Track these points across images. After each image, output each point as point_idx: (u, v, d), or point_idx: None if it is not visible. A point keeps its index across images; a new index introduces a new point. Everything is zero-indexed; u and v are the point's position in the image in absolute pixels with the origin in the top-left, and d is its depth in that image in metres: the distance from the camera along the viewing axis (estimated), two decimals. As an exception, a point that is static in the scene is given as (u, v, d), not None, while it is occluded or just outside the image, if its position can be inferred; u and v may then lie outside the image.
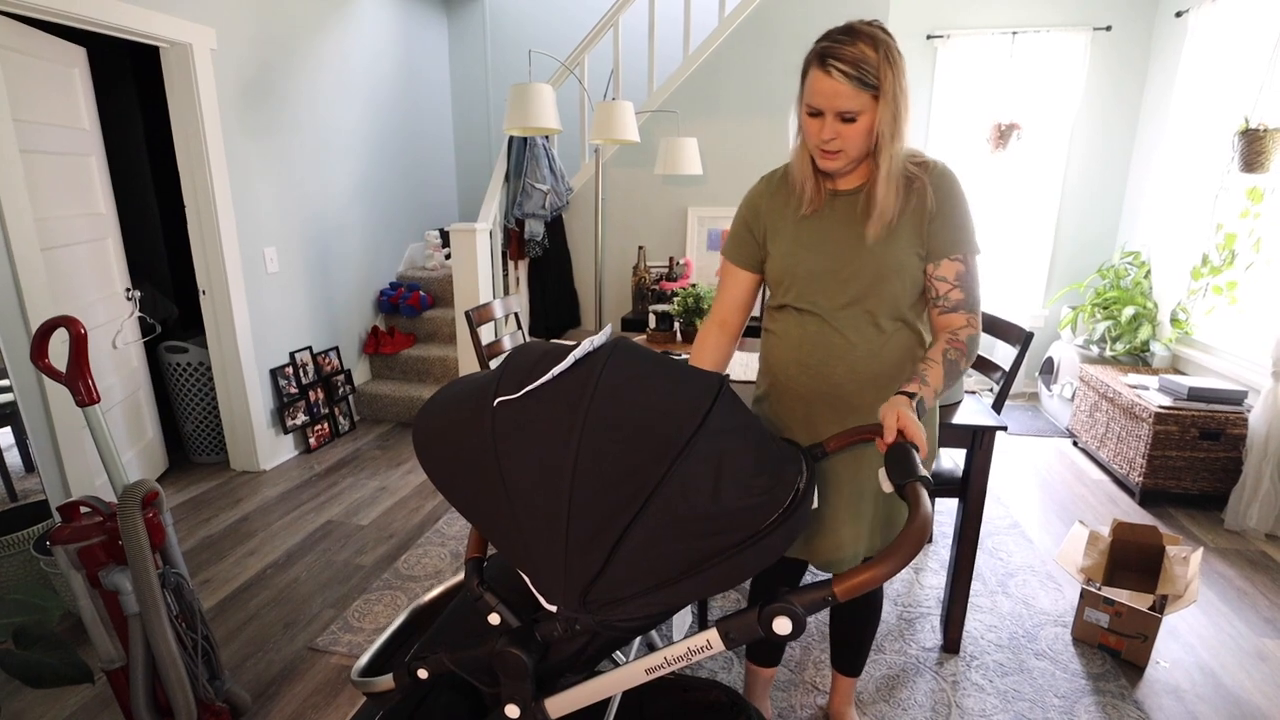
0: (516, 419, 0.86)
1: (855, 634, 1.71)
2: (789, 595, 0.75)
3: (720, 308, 1.50)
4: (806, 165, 1.33)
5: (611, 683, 0.84)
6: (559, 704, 0.86)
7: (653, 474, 0.81)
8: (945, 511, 3.04)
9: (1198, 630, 2.30)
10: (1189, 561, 2.16)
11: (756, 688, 1.81)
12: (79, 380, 1.54)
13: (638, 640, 1.30)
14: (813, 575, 2.37)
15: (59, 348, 2.45)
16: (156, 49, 2.96)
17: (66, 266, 2.68)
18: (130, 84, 4.17)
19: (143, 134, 4.26)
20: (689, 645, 0.79)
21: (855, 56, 1.16)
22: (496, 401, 0.88)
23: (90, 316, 2.79)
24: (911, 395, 1.15)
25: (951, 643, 2.16)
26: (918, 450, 0.99)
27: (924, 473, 0.93)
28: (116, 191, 3.11)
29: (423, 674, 0.94)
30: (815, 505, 0.96)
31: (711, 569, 0.79)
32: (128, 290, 3.10)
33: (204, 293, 3.26)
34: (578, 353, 0.90)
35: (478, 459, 0.87)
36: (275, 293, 3.58)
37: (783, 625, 0.74)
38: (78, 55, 2.81)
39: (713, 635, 0.78)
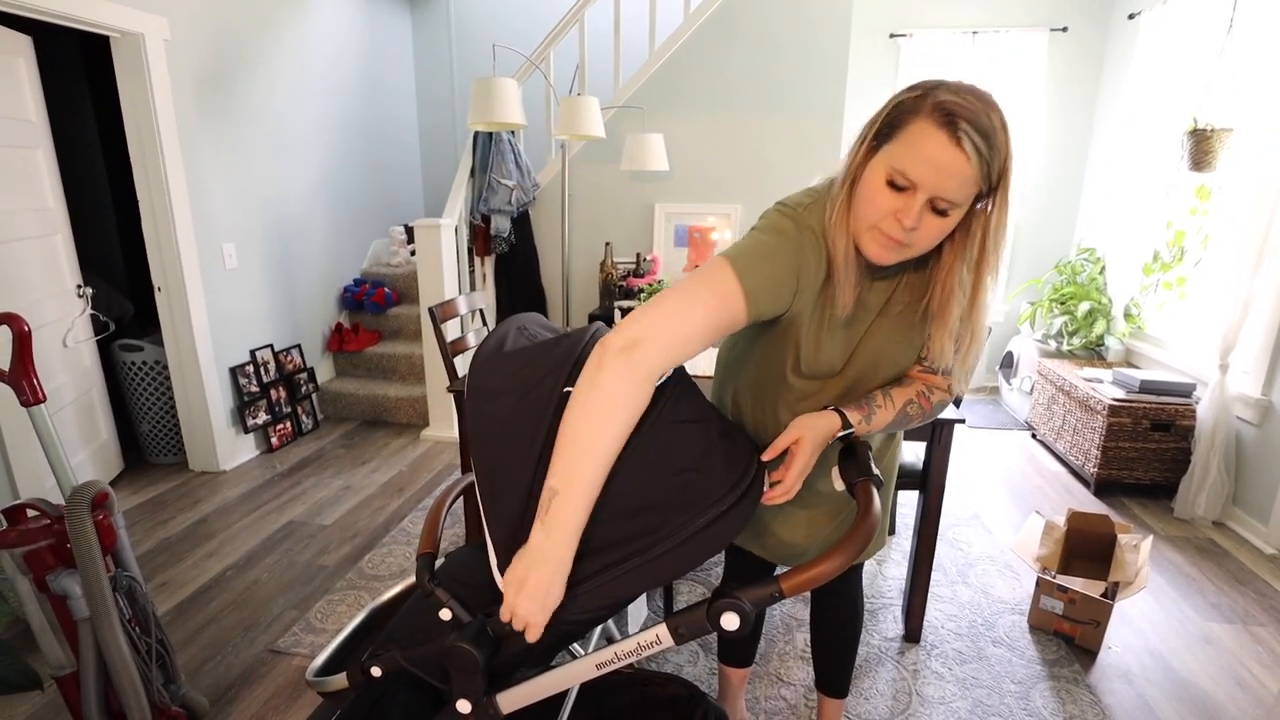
0: None
1: (835, 647, 1.58)
2: (736, 591, 0.76)
3: (693, 346, 0.91)
4: (851, 249, 0.97)
5: (562, 677, 0.85)
6: (510, 699, 0.86)
7: (672, 526, 0.82)
8: (907, 504, 3.09)
9: (1148, 615, 2.37)
10: (1139, 549, 2.23)
11: (729, 690, 1.77)
12: (23, 379, 1.49)
13: (597, 633, 1.30)
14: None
15: (2, 346, 2.38)
16: (107, 38, 2.87)
17: (12, 263, 2.59)
18: (81, 74, 4.04)
19: (95, 126, 4.14)
20: (639, 641, 0.79)
21: (989, 130, 0.85)
22: (566, 390, 0.88)
23: (38, 314, 2.70)
24: (847, 424, 1.03)
25: (912, 632, 2.20)
26: (869, 449, 1.01)
27: (875, 472, 0.94)
28: (67, 186, 3.02)
29: (376, 672, 0.93)
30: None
31: (660, 558, 0.79)
32: (79, 287, 3.01)
33: (159, 290, 3.18)
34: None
35: (525, 433, 0.87)
36: (234, 289, 3.50)
37: (730, 621, 0.75)
38: (23, 44, 2.71)
39: (662, 631, 0.78)
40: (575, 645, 1.30)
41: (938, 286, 1.00)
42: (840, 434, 1.03)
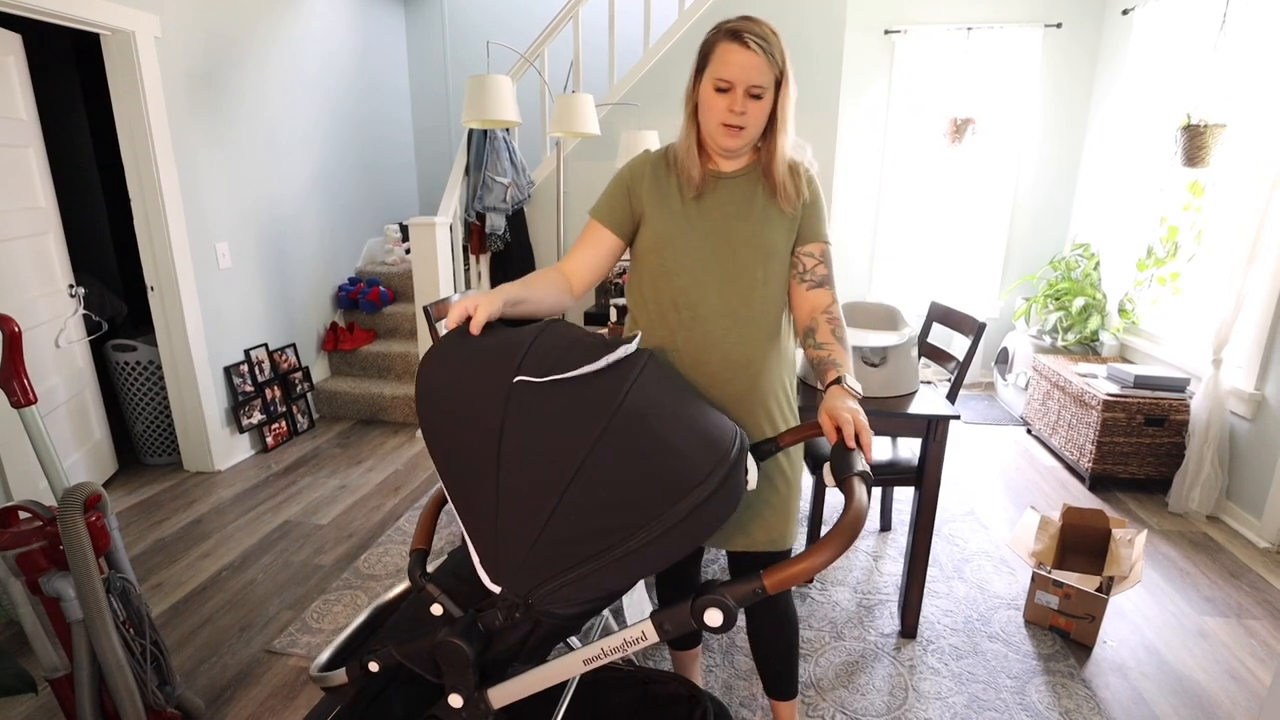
0: (533, 404, 0.85)
1: (776, 650, 1.62)
2: (720, 588, 0.76)
3: (572, 263, 1.40)
4: (694, 149, 1.36)
5: (550, 673, 0.85)
6: (501, 694, 0.86)
7: (653, 514, 0.80)
8: (903, 499, 3.09)
9: (1143, 610, 2.38)
10: (1134, 544, 2.24)
11: (682, 670, 1.85)
12: (13, 380, 1.48)
13: (600, 629, 1.30)
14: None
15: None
16: (98, 36, 2.86)
17: (3, 263, 2.57)
18: (73, 73, 4.02)
19: (87, 125, 4.12)
20: (625, 637, 0.80)
21: (765, 34, 1.24)
22: (517, 379, 0.86)
23: (30, 315, 2.69)
24: (848, 384, 1.19)
25: (909, 628, 2.20)
26: (860, 452, 1.00)
27: (863, 467, 0.94)
28: (59, 185, 3.00)
29: (374, 667, 0.94)
30: (752, 487, 0.97)
31: (643, 547, 0.79)
32: (71, 287, 2.99)
33: (152, 289, 3.17)
34: (610, 357, 0.89)
35: (481, 426, 0.86)
36: (228, 289, 3.49)
37: (714, 617, 0.76)
38: (12, 42, 2.69)
39: (647, 627, 0.79)
40: (574, 639, 1.29)
41: (769, 151, 1.34)
42: (832, 380, 1.22)
